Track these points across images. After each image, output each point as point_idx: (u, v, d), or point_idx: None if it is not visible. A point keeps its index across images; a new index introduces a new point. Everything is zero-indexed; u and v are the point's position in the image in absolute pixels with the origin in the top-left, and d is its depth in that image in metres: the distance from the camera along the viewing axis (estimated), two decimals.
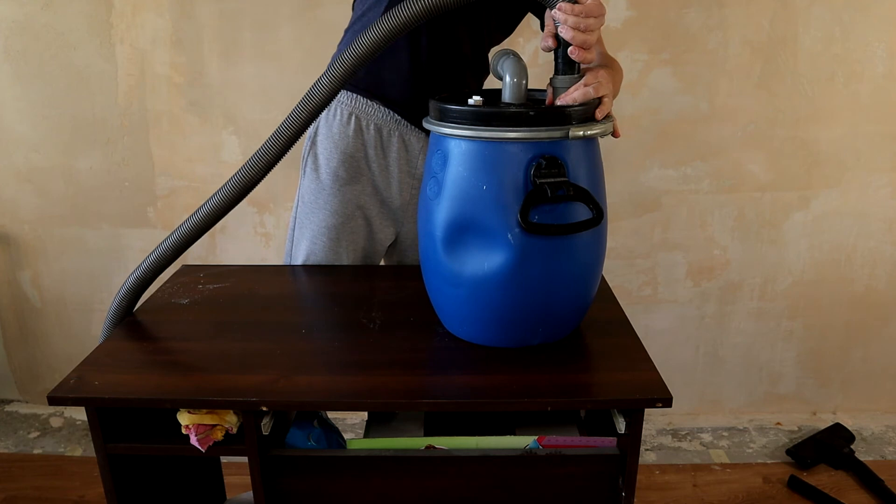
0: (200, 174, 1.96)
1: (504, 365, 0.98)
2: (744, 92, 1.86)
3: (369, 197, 1.32)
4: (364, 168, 1.30)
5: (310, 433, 1.03)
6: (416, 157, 1.31)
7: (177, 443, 0.95)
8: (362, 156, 1.29)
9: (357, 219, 1.32)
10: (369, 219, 1.34)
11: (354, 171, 1.29)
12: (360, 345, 1.05)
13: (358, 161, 1.29)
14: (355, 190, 1.31)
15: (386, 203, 1.34)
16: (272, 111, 1.89)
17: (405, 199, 1.34)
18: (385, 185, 1.32)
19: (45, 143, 1.95)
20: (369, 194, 1.32)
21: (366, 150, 1.29)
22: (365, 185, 1.31)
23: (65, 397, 0.91)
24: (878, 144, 1.91)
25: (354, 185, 1.30)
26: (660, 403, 0.90)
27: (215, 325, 1.12)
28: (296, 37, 1.83)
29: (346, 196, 1.30)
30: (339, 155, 1.29)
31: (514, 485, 0.97)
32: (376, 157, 1.30)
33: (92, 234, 2.04)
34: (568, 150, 0.92)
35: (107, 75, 1.88)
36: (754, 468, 1.91)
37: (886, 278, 2.03)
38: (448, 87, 1.25)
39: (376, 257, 1.39)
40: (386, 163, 1.30)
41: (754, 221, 1.98)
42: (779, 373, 2.14)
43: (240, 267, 1.37)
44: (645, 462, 1.86)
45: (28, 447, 2.02)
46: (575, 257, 0.97)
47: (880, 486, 1.79)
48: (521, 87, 0.97)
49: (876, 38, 1.81)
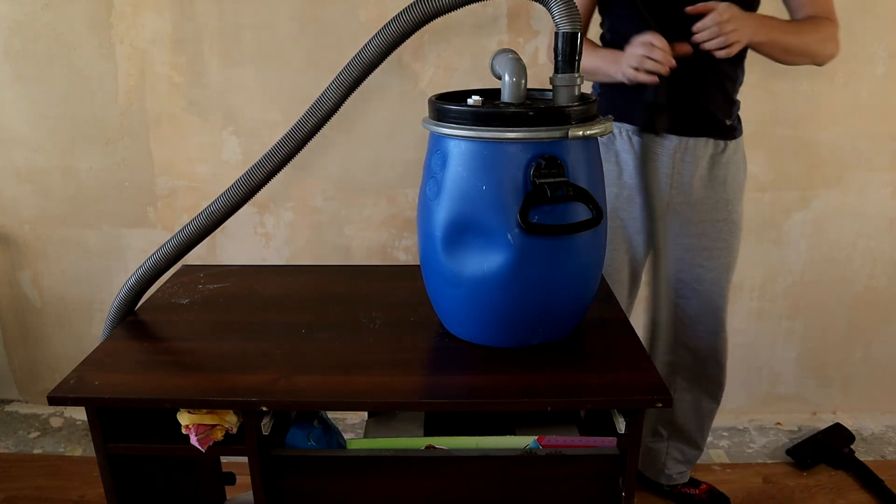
0: (200, 174, 1.96)
1: (504, 365, 0.98)
2: (744, 92, 1.86)
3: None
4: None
5: (310, 433, 1.03)
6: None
7: (177, 443, 0.95)
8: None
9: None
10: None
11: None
12: (360, 345, 1.05)
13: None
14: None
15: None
16: (272, 111, 1.89)
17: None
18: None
19: (45, 143, 1.95)
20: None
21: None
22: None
23: (65, 397, 0.91)
24: (878, 144, 1.91)
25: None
26: (660, 403, 0.90)
27: (215, 325, 1.12)
28: (296, 37, 1.83)
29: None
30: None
31: (514, 485, 0.97)
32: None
33: (92, 234, 2.04)
34: (567, 150, 0.92)
35: (107, 75, 1.88)
36: (754, 468, 1.91)
37: (886, 278, 2.03)
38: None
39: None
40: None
41: (754, 221, 1.98)
42: (779, 373, 2.14)
43: (240, 267, 1.37)
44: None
45: (28, 447, 2.02)
46: (575, 257, 0.97)
47: (880, 486, 1.79)
48: (520, 87, 0.97)
49: (876, 38, 1.81)
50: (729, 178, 1.46)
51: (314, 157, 1.93)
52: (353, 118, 1.89)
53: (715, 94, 1.40)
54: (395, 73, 1.85)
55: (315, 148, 1.49)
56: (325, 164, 1.94)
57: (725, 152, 1.44)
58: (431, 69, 1.85)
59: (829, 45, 1.34)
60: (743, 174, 1.50)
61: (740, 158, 1.49)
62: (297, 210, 1.99)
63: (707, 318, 1.55)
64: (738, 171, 1.48)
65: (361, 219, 1.99)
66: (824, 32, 1.33)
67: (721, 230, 1.48)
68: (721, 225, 1.48)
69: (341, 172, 1.95)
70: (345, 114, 1.26)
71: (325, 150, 1.92)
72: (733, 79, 1.42)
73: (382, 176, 1.95)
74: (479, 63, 1.84)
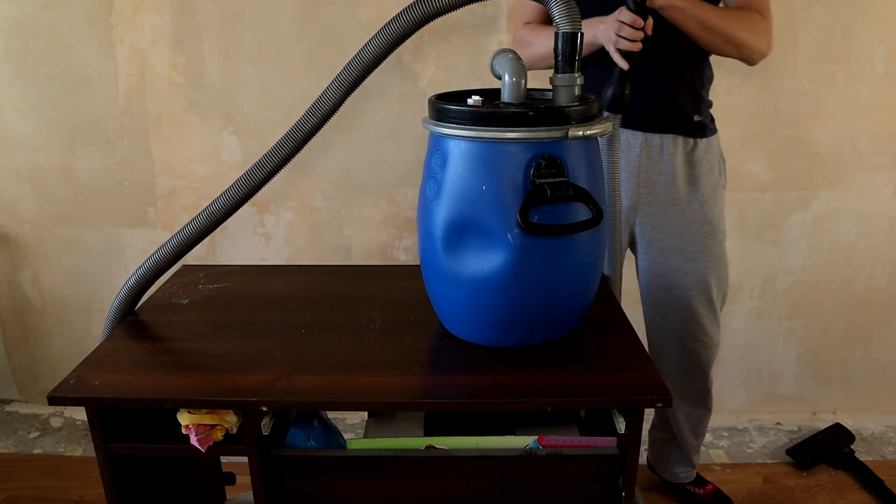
0: (200, 174, 1.96)
1: (504, 365, 0.98)
2: (744, 92, 1.86)
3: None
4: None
5: (310, 433, 1.03)
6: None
7: (177, 443, 0.95)
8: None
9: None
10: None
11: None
12: (360, 345, 1.05)
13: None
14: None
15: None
16: (272, 111, 1.89)
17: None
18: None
19: (45, 144, 1.95)
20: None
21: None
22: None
23: (65, 397, 0.91)
24: (878, 144, 1.91)
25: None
26: (660, 403, 0.90)
27: (215, 325, 1.12)
28: (296, 37, 1.83)
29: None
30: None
31: (514, 485, 0.97)
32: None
33: (92, 234, 2.04)
34: (567, 150, 0.92)
35: (107, 75, 1.88)
36: (754, 468, 1.91)
37: (886, 278, 2.03)
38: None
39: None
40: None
41: (754, 221, 1.98)
42: (779, 373, 2.14)
43: (240, 267, 1.37)
44: (645, 462, 1.86)
45: (28, 447, 2.02)
46: (575, 257, 0.97)
47: (880, 486, 1.79)
48: (520, 87, 0.97)
49: (876, 38, 1.81)
50: (702, 177, 1.43)
51: (314, 156, 1.93)
52: (352, 118, 1.89)
53: (682, 90, 1.38)
54: (395, 73, 1.85)
55: (315, 148, 1.49)
56: (324, 164, 1.94)
57: (696, 151, 1.42)
58: (431, 69, 1.85)
59: (759, 40, 1.32)
60: (718, 174, 1.47)
61: (714, 158, 1.46)
62: (296, 210, 1.99)
63: (687, 324, 1.50)
64: (713, 170, 1.45)
65: (361, 219, 1.99)
66: (755, 26, 1.31)
67: (697, 232, 1.45)
68: (697, 227, 1.44)
69: (341, 172, 1.95)
70: (345, 114, 1.26)
71: (325, 150, 1.92)
72: (700, 73, 1.40)
73: (382, 176, 1.95)
74: (479, 63, 1.84)
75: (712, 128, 1.46)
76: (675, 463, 1.73)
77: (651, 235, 1.47)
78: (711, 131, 1.45)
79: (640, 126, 1.39)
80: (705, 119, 1.44)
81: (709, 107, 1.46)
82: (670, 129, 1.40)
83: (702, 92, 1.42)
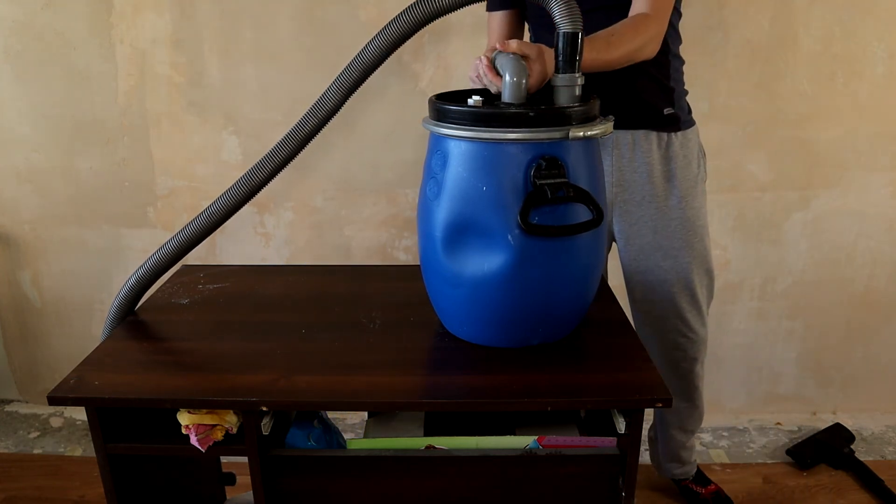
0: (200, 174, 1.96)
1: (504, 365, 0.98)
2: (744, 92, 1.86)
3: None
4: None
5: (310, 433, 1.03)
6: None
7: (177, 443, 0.95)
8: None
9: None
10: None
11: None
12: (360, 345, 1.05)
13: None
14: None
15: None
16: (272, 111, 1.89)
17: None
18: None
19: (45, 144, 1.95)
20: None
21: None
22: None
23: (65, 397, 0.91)
24: (878, 144, 1.91)
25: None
26: (660, 403, 0.90)
27: (215, 325, 1.12)
28: (296, 37, 1.83)
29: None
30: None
31: (514, 485, 0.97)
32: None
33: (92, 234, 2.04)
34: (568, 150, 0.92)
35: (107, 75, 1.88)
36: (754, 468, 1.91)
37: (886, 278, 2.03)
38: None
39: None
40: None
41: (754, 221, 1.98)
42: (779, 373, 2.14)
43: (240, 267, 1.37)
44: (645, 462, 1.86)
45: (28, 447, 2.02)
46: (575, 258, 0.97)
47: (880, 486, 1.79)
48: (520, 88, 0.97)
49: (876, 38, 1.81)
50: (679, 172, 1.40)
51: (314, 157, 1.93)
52: (353, 118, 1.89)
53: (644, 83, 1.34)
54: (395, 73, 1.85)
55: (315, 148, 1.49)
56: (325, 164, 1.94)
57: (672, 145, 1.39)
58: (431, 69, 1.85)
59: (645, 50, 1.25)
60: (696, 168, 1.43)
61: (692, 152, 1.42)
62: (297, 210, 1.99)
63: (671, 320, 1.49)
64: (690, 165, 1.41)
65: (361, 219, 1.99)
66: (642, 37, 1.23)
67: (676, 229, 1.42)
68: (675, 223, 1.42)
69: (341, 172, 1.95)
70: (345, 114, 1.26)
71: (325, 150, 1.92)
72: (663, 64, 1.35)
73: (382, 176, 1.95)
74: None
75: (688, 120, 1.42)
76: (665, 458, 1.73)
77: (629, 233, 1.44)
78: (687, 124, 1.41)
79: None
80: (678, 111, 1.39)
81: (682, 96, 1.41)
82: (640, 125, 1.37)
83: (670, 83, 1.38)
